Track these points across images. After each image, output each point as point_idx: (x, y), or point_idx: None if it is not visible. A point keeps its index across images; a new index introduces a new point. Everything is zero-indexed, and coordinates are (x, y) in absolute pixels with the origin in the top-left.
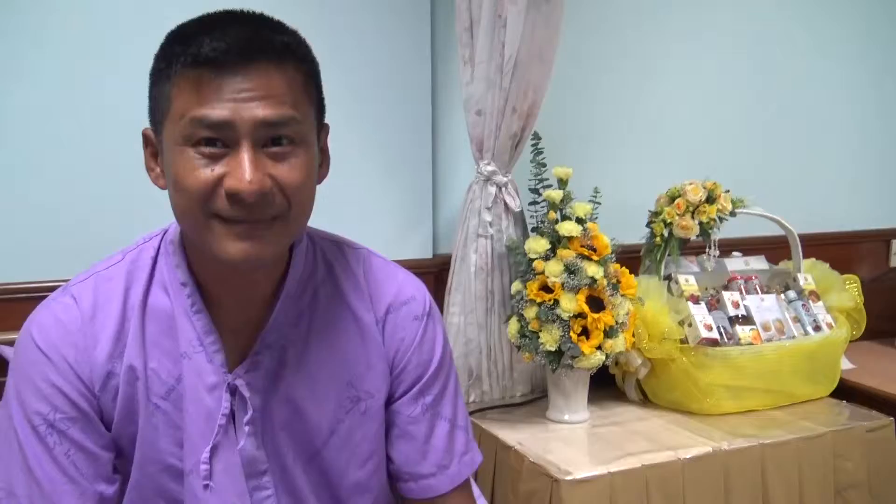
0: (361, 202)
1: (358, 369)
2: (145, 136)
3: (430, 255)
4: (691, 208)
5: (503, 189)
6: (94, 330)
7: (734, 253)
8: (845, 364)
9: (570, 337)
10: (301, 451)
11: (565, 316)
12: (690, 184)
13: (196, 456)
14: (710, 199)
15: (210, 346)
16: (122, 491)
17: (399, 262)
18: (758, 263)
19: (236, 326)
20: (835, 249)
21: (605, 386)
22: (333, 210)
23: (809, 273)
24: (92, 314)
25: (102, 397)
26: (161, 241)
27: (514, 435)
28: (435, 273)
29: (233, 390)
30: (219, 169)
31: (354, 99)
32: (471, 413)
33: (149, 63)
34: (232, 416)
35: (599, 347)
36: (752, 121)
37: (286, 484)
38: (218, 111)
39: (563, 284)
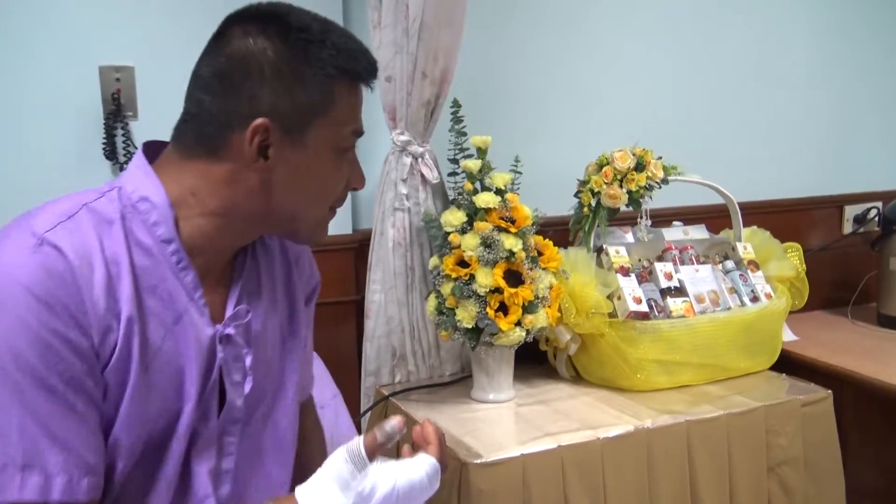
0: None
1: (287, 313)
2: (263, 128)
3: (349, 231)
4: (619, 176)
5: (419, 160)
6: (88, 281)
7: (675, 222)
8: (788, 335)
9: (487, 313)
10: (260, 398)
11: (481, 291)
12: (619, 151)
13: (190, 403)
14: (640, 167)
15: (199, 300)
16: None
17: None
18: (697, 233)
19: (209, 283)
20: (785, 217)
21: (539, 363)
22: None
23: (750, 242)
24: (79, 264)
25: (101, 352)
26: (119, 200)
27: (434, 417)
28: (356, 249)
29: (222, 340)
30: (345, 169)
31: None
32: (395, 394)
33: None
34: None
35: (519, 324)
36: (694, 82)
37: (247, 432)
38: (361, 124)
39: (479, 258)
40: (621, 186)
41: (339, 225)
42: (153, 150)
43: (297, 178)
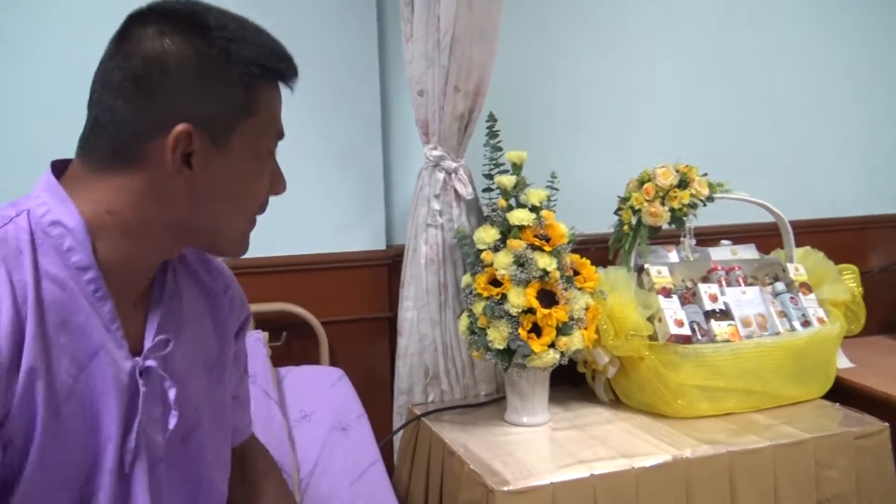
0: (308, 189)
1: (215, 343)
2: (186, 134)
3: (383, 247)
4: (661, 193)
5: (453, 175)
6: None
7: (723, 241)
8: (843, 362)
9: (519, 334)
10: (179, 430)
11: (514, 312)
12: (661, 167)
13: (112, 442)
14: (683, 184)
15: (116, 332)
16: None
17: (350, 253)
18: (746, 253)
19: (125, 308)
20: (841, 236)
21: (577, 385)
22: (276, 199)
23: (802, 263)
24: None
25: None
26: (29, 227)
27: (465, 439)
28: (389, 265)
29: (142, 373)
30: (268, 174)
31: None
32: (427, 414)
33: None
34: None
35: (553, 345)
36: (745, 96)
37: (170, 467)
38: (282, 126)
39: (511, 277)
40: (663, 204)
41: (372, 241)
42: (60, 170)
43: (223, 185)
